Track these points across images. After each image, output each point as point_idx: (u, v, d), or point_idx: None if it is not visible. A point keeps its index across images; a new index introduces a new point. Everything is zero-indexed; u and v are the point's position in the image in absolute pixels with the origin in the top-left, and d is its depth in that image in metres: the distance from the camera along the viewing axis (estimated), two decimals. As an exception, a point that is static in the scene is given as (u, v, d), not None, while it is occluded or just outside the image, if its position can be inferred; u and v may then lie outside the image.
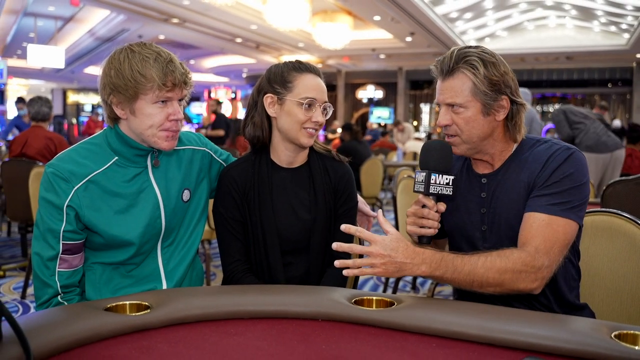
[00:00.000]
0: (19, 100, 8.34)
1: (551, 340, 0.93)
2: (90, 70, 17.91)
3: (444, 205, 1.34)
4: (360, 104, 20.05)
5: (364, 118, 19.30)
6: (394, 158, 9.66)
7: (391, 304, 1.12)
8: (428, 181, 1.29)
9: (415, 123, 18.72)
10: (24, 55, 13.54)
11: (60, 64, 12.02)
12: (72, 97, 23.80)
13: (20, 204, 3.79)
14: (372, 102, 19.59)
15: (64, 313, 1.03)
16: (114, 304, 1.09)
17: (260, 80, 1.53)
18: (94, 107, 20.87)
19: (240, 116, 14.47)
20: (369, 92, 19.64)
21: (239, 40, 13.49)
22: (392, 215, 3.62)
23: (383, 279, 3.81)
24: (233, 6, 10.38)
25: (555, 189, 1.28)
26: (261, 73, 1.56)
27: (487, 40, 14.36)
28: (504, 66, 1.33)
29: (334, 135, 12.55)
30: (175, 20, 11.43)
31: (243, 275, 1.49)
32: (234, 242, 1.51)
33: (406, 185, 3.06)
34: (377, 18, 11.15)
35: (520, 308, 1.33)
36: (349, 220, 1.56)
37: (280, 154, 1.53)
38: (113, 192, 1.35)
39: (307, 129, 1.46)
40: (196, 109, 21.39)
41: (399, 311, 1.06)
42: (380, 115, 18.83)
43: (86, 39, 13.72)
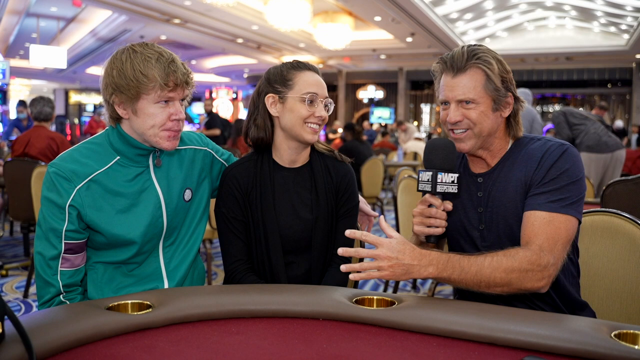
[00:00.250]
0: (20, 104, 8.33)
1: (551, 339, 0.93)
2: (92, 70, 17.94)
3: (450, 204, 1.33)
4: (361, 104, 20.06)
5: (364, 118, 19.32)
6: (394, 158, 9.66)
7: (392, 304, 1.12)
8: (435, 180, 1.29)
9: (415, 123, 18.72)
10: (26, 56, 13.57)
11: (63, 64, 12.04)
12: (75, 97, 23.85)
13: (22, 203, 3.80)
14: (373, 103, 19.59)
15: (66, 312, 1.04)
16: (115, 303, 1.09)
17: (260, 83, 1.54)
18: (96, 107, 20.90)
19: (241, 116, 14.48)
20: (369, 93, 19.65)
21: (240, 40, 13.51)
22: (393, 215, 3.62)
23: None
24: (234, 7, 10.40)
25: (553, 185, 1.28)
26: (262, 73, 1.57)
27: (488, 41, 14.37)
28: (507, 65, 1.37)
29: (335, 135, 12.55)
30: (176, 21, 11.45)
31: (244, 274, 1.49)
32: (236, 242, 1.51)
33: (407, 185, 3.05)
34: (378, 19, 11.16)
35: (521, 307, 1.32)
36: (350, 220, 1.56)
37: (283, 154, 1.54)
38: (115, 192, 1.35)
39: (310, 124, 1.47)
40: (198, 109, 21.41)
41: (399, 310, 1.07)
42: (380, 116, 18.85)
43: (88, 40, 13.75)
